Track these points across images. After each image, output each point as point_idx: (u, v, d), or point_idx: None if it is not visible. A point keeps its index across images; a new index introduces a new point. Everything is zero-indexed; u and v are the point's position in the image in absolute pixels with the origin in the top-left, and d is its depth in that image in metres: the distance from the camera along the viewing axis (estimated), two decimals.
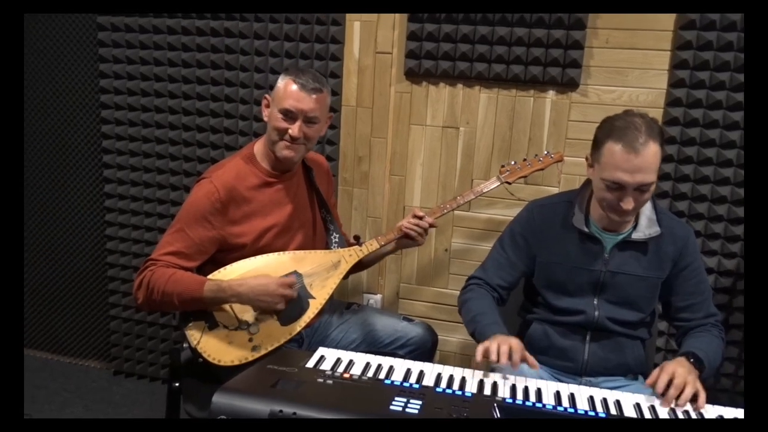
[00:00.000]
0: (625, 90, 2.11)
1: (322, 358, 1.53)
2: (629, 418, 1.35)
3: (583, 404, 1.39)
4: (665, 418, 1.36)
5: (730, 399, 2.20)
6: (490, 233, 2.30)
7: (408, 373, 1.48)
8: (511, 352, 1.46)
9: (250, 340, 1.68)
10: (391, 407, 1.26)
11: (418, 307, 2.46)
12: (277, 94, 1.74)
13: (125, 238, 2.70)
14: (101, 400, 2.67)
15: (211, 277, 1.69)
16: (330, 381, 1.38)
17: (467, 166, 2.30)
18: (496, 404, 1.32)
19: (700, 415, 1.38)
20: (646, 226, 1.64)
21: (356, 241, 1.93)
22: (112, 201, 2.68)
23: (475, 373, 1.49)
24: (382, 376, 1.46)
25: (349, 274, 1.87)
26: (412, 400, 1.29)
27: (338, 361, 1.51)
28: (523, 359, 1.48)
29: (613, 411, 1.37)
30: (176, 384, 1.77)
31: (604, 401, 1.41)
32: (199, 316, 1.68)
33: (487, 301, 1.71)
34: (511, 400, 1.36)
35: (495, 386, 1.43)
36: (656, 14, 2.03)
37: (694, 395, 1.41)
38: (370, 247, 1.85)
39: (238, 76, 2.42)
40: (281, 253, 1.78)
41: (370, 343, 1.92)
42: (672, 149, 2.10)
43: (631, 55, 2.08)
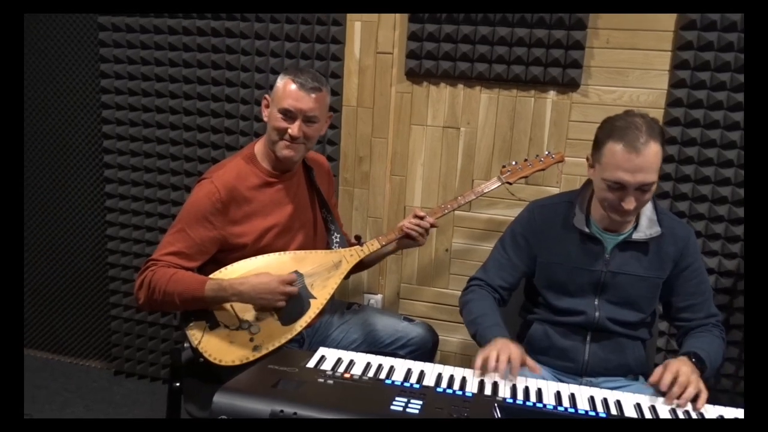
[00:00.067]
0: (626, 90, 2.11)
1: (323, 358, 1.53)
2: (630, 419, 1.35)
3: (583, 404, 1.39)
4: (666, 419, 1.36)
5: (731, 399, 2.20)
6: (490, 233, 2.30)
7: (408, 373, 1.48)
8: (510, 360, 1.45)
9: (251, 340, 1.68)
10: (392, 407, 1.26)
11: (418, 308, 2.46)
12: (276, 94, 1.74)
13: (126, 238, 2.71)
14: (102, 400, 2.67)
15: (213, 276, 1.70)
16: (331, 381, 1.38)
17: (468, 166, 2.30)
18: (497, 404, 1.32)
19: (700, 415, 1.38)
20: (647, 227, 1.64)
21: (357, 241, 1.93)
22: (113, 201, 2.68)
23: (474, 372, 1.49)
24: (382, 376, 1.46)
25: (350, 274, 1.87)
26: (413, 400, 1.29)
27: (339, 361, 1.52)
28: (523, 364, 1.48)
29: (613, 411, 1.37)
30: (177, 384, 1.77)
31: (605, 401, 1.41)
32: (201, 316, 1.68)
33: (489, 303, 1.71)
34: (512, 400, 1.36)
35: (495, 386, 1.43)
36: (657, 15, 2.03)
37: (696, 395, 1.41)
38: (371, 247, 1.85)
39: (239, 77, 2.42)
40: (282, 253, 1.78)
41: (371, 343, 1.92)
42: (673, 150, 2.10)
43: (632, 55, 2.08)
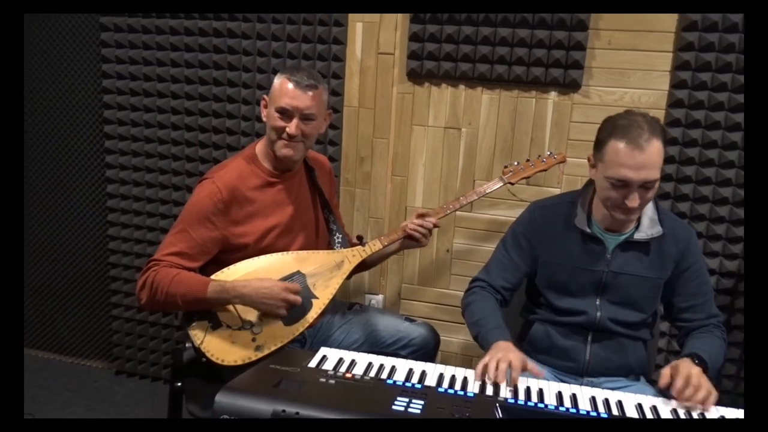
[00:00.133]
0: (627, 91, 2.11)
1: (325, 358, 1.53)
2: (631, 419, 1.35)
3: (585, 405, 1.39)
4: (667, 419, 1.37)
5: (732, 400, 2.20)
6: (491, 234, 2.30)
7: (410, 373, 1.48)
8: (511, 368, 1.45)
9: (254, 340, 1.68)
10: (394, 407, 1.26)
11: (419, 308, 2.46)
12: (274, 94, 1.75)
13: (127, 238, 2.71)
14: (103, 400, 2.67)
15: (215, 276, 1.70)
16: (332, 381, 1.38)
17: (469, 166, 2.31)
18: (498, 404, 1.32)
19: (701, 415, 1.38)
20: (648, 227, 1.64)
21: (359, 241, 1.93)
22: (115, 201, 2.68)
23: (476, 379, 1.49)
24: (384, 376, 1.46)
25: (351, 274, 1.87)
26: (415, 400, 1.29)
27: (340, 361, 1.52)
28: (525, 369, 1.47)
29: (615, 411, 1.37)
30: (179, 383, 1.77)
31: (606, 402, 1.41)
32: (203, 316, 1.68)
33: (491, 304, 1.71)
34: (513, 401, 1.36)
35: (497, 387, 1.43)
36: (658, 16, 2.03)
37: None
38: (373, 247, 1.85)
39: (241, 77, 2.42)
40: (284, 253, 1.78)
41: (372, 344, 1.92)
42: (674, 150, 2.10)
43: (633, 56, 2.09)
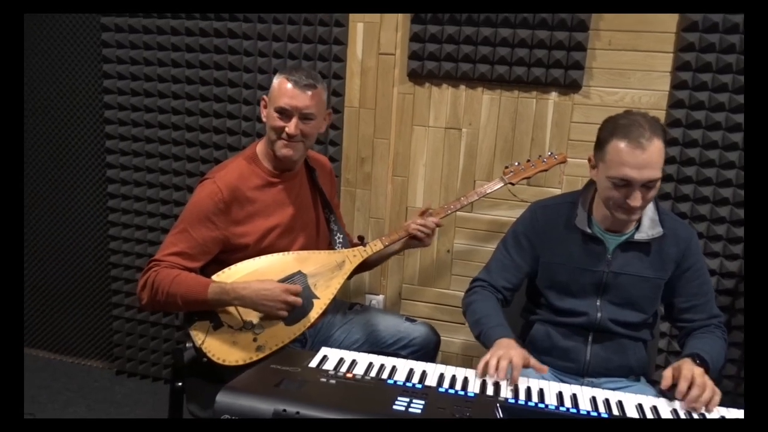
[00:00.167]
0: (628, 92, 2.11)
1: (325, 358, 1.53)
2: (631, 419, 1.35)
3: (585, 405, 1.39)
4: (668, 419, 1.37)
5: (732, 401, 2.19)
6: (492, 234, 2.31)
7: (411, 373, 1.48)
8: (512, 366, 1.45)
9: (255, 341, 1.68)
10: (394, 407, 1.27)
11: (420, 308, 2.46)
12: (273, 94, 1.75)
13: (128, 238, 2.71)
14: (104, 400, 2.68)
15: (216, 277, 1.70)
16: (333, 381, 1.38)
17: (470, 167, 2.31)
18: (499, 404, 1.32)
19: (701, 416, 1.38)
20: (649, 227, 1.64)
21: (360, 241, 1.93)
22: (115, 201, 2.68)
23: (477, 375, 1.49)
24: (384, 376, 1.46)
25: (352, 274, 1.87)
26: (415, 400, 1.29)
27: (341, 361, 1.52)
28: (526, 365, 1.48)
29: (615, 411, 1.37)
30: (179, 383, 1.77)
31: (607, 402, 1.41)
32: (204, 316, 1.69)
33: (492, 303, 1.71)
34: (514, 401, 1.36)
35: (498, 387, 1.43)
36: (659, 16, 2.03)
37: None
38: (374, 247, 1.86)
39: (242, 77, 2.42)
40: (285, 253, 1.78)
41: (373, 344, 1.92)
42: (674, 151, 2.10)
43: (634, 56, 2.09)
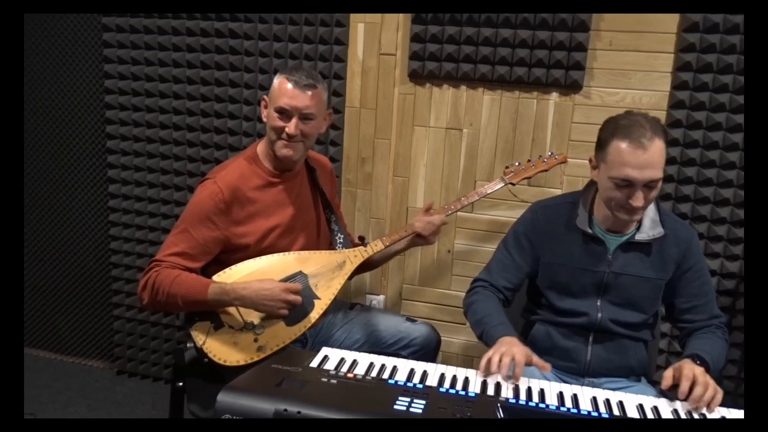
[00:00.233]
0: (629, 92, 2.11)
1: (326, 358, 1.53)
2: (632, 419, 1.35)
3: (586, 405, 1.39)
4: (668, 419, 1.37)
5: (733, 401, 2.19)
6: (493, 235, 2.31)
7: (411, 373, 1.48)
8: (514, 363, 1.45)
9: (256, 341, 1.68)
10: (395, 407, 1.27)
11: (420, 308, 2.46)
12: (273, 94, 1.75)
13: (129, 239, 2.71)
14: (104, 400, 2.68)
15: (216, 277, 1.70)
16: (334, 380, 1.38)
17: (470, 167, 2.31)
18: (500, 404, 1.33)
19: (702, 416, 1.38)
20: (650, 228, 1.64)
21: (361, 241, 1.93)
22: (116, 201, 2.69)
23: (478, 373, 1.49)
24: (385, 375, 1.46)
25: (353, 274, 1.87)
26: (416, 400, 1.29)
27: (342, 361, 1.52)
28: (529, 363, 1.48)
29: (616, 412, 1.37)
30: (180, 383, 1.77)
31: (607, 402, 1.41)
32: (205, 317, 1.69)
33: (493, 303, 1.71)
34: (515, 401, 1.36)
35: (498, 386, 1.43)
36: (659, 17, 2.03)
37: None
38: (375, 247, 1.86)
39: (243, 77, 2.42)
40: (286, 253, 1.78)
41: (374, 344, 1.92)
42: (675, 151, 2.10)
43: (635, 57, 2.09)
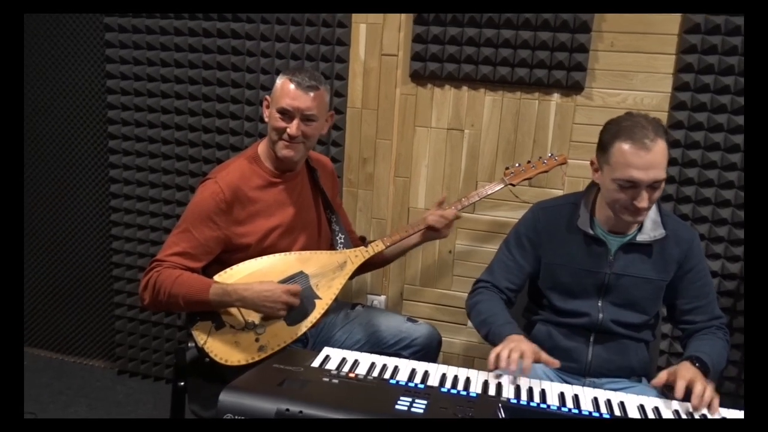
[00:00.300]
0: (630, 93, 2.12)
1: (328, 358, 1.54)
2: (633, 419, 1.35)
3: (587, 405, 1.39)
4: (669, 419, 1.37)
5: (733, 402, 2.19)
6: (493, 235, 2.31)
7: (413, 373, 1.49)
8: (522, 358, 1.45)
9: (257, 341, 1.68)
10: (397, 407, 1.27)
11: (421, 309, 2.46)
12: (275, 94, 1.76)
13: (131, 238, 2.71)
14: (105, 400, 2.68)
15: (218, 277, 1.70)
16: (335, 380, 1.39)
17: (472, 168, 2.31)
18: (501, 404, 1.33)
19: (702, 416, 1.38)
20: (651, 229, 1.64)
21: (362, 242, 1.94)
22: (118, 201, 2.69)
23: (480, 373, 1.49)
24: (387, 375, 1.46)
25: (354, 274, 1.88)
26: (417, 400, 1.29)
27: (343, 361, 1.52)
28: (537, 360, 1.48)
29: (617, 412, 1.38)
30: (181, 383, 1.78)
31: (608, 402, 1.41)
32: (206, 317, 1.69)
33: (497, 303, 1.71)
34: (516, 401, 1.36)
35: (499, 387, 1.44)
36: (661, 18, 2.04)
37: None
38: (376, 248, 1.86)
39: (244, 78, 2.43)
40: (287, 253, 1.79)
41: (375, 344, 1.92)
42: (676, 152, 2.10)
43: (636, 58, 2.09)
